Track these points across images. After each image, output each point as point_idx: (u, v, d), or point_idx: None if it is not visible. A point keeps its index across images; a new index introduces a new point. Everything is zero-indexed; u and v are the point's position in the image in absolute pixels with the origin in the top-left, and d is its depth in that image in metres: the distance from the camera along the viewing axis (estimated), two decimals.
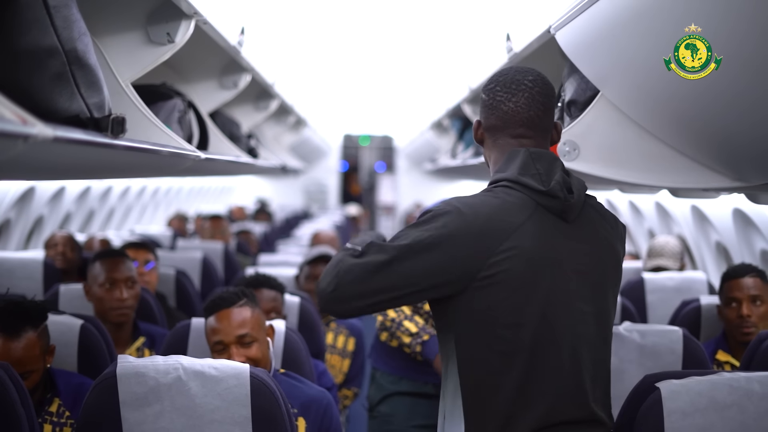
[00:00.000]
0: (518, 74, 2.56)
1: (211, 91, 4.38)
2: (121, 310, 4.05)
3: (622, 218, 7.29)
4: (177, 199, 11.20)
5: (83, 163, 2.19)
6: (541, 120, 2.55)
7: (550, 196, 2.44)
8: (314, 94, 10.70)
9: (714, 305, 4.29)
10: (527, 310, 2.39)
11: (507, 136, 2.55)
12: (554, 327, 2.41)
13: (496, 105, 2.54)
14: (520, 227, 2.40)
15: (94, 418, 2.56)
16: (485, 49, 4.56)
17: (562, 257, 2.44)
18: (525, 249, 2.38)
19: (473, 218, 2.38)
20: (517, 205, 2.43)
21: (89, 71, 2.09)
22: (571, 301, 2.44)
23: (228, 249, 6.83)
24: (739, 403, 2.56)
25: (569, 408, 2.42)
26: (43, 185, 6.16)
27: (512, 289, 2.38)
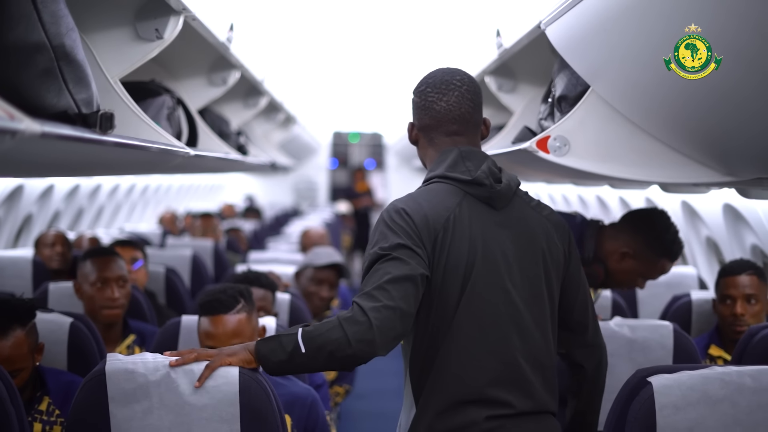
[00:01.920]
0: (447, 75, 2.72)
1: (200, 88, 4.36)
2: (112, 310, 4.03)
3: (612, 214, 7.30)
4: (166, 197, 11.17)
5: (72, 160, 2.18)
6: (472, 116, 2.72)
7: (476, 184, 2.61)
8: (304, 91, 10.68)
9: (705, 300, 4.30)
10: (458, 289, 2.55)
11: (441, 134, 2.71)
12: (481, 307, 2.56)
13: (428, 105, 2.70)
14: (453, 211, 2.58)
15: (83, 415, 2.55)
16: (475, 46, 4.54)
17: (490, 241, 2.60)
18: (458, 232, 2.56)
19: (417, 211, 2.56)
20: (448, 194, 2.61)
21: (77, 67, 2.08)
22: (498, 283, 2.59)
23: (218, 247, 6.82)
24: (730, 398, 2.55)
25: (501, 391, 2.55)
26: (32, 183, 6.13)
27: (447, 268, 2.55)
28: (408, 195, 2.64)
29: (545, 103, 3.39)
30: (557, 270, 2.70)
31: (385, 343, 2.43)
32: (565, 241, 2.74)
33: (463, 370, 2.54)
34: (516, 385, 2.57)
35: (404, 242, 2.50)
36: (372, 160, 17.89)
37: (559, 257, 2.70)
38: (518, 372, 2.57)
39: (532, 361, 2.59)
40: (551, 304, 2.67)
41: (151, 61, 4.06)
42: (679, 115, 2.72)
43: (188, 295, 5.36)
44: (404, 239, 2.51)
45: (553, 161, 3.01)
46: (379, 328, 2.40)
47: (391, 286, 2.45)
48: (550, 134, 3.02)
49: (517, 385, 2.57)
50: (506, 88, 4.39)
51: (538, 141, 3.03)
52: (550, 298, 2.67)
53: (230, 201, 14.05)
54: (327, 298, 4.99)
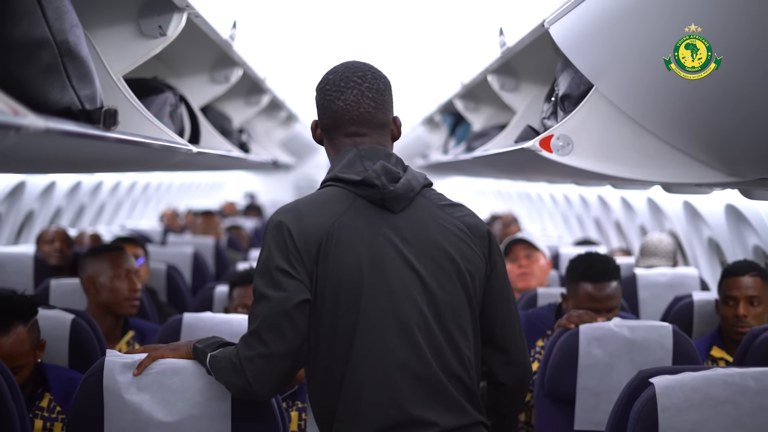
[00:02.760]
0: (347, 71, 2.55)
1: (202, 86, 4.35)
2: (132, 301, 4.03)
3: (613, 214, 7.30)
4: (168, 194, 11.17)
5: (75, 156, 2.17)
6: (373, 116, 2.52)
7: (365, 185, 2.42)
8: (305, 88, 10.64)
9: (707, 301, 4.29)
10: (350, 304, 2.37)
11: (341, 135, 2.53)
12: (382, 322, 2.38)
13: (326, 104, 2.54)
14: (339, 218, 2.40)
15: (83, 411, 2.55)
16: (478, 44, 4.54)
17: (384, 248, 2.41)
18: (344, 241, 2.39)
19: (296, 223, 2.40)
20: (336, 198, 2.43)
21: (81, 63, 2.07)
22: (399, 294, 2.40)
23: (219, 244, 6.82)
24: (733, 399, 2.55)
25: (422, 410, 2.37)
26: (34, 180, 6.13)
27: (335, 282, 2.37)
28: (293, 202, 2.49)
29: (548, 102, 3.38)
30: (474, 277, 2.48)
31: (266, 392, 2.40)
32: (485, 246, 2.53)
33: (376, 394, 2.37)
34: (437, 401, 2.39)
35: (281, 265, 2.36)
36: None
37: (478, 263, 2.49)
38: (436, 387, 2.39)
39: (449, 374, 2.41)
40: (469, 314, 2.47)
41: (154, 58, 4.05)
42: (682, 115, 2.72)
43: (189, 292, 5.36)
44: (281, 261, 2.37)
45: (556, 161, 3.00)
46: (255, 381, 2.35)
47: (265, 329, 2.34)
48: (553, 133, 3.01)
49: (438, 401, 2.39)
50: (509, 86, 4.39)
51: (541, 140, 3.02)
52: (466, 306, 2.47)
53: (231, 199, 14.04)
54: None
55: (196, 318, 3.52)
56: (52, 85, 2.00)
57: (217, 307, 4.39)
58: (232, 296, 4.13)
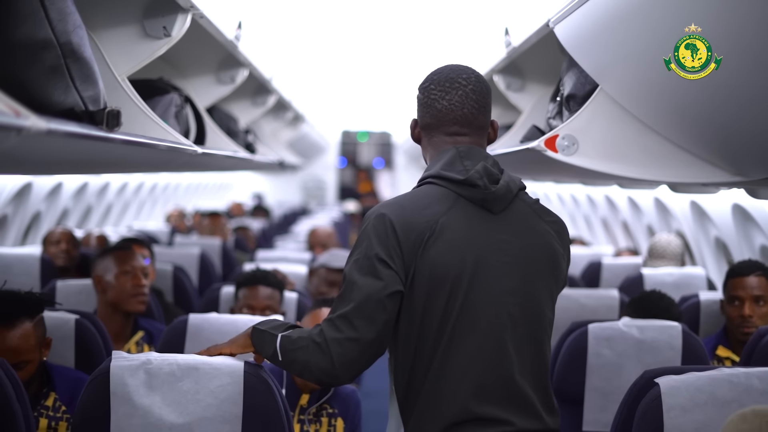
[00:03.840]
0: (452, 72, 2.57)
1: (208, 86, 4.36)
2: (139, 297, 4.05)
3: (621, 214, 7.28)
4: (175, 195, 11.18)
5: (78, 157, 2.17)
6: (476, 118, 2.55)
7: (468, 185, 2.45)
8: (313, 90, 10.67)
9: (713, 301, 4.28)
10: (445, 301, 2.41)
11: (442, 133, 2.56)
12: (475, 320, 2.42)
13: (430, 103, 2.56)
14: (441, 216, 2.43)
15: (89, 413, 2.54)
16: (483, 44, 4.54)
17: (484, 249, 2.45)
18: (445, 239, 2.42)
19: (400, 217, 2.42)
20: (437, 197, 2.46)
21: (84, 64, 2.07)
22: (493, 294, 2.44)
23: (226, 245, 6.82)
24: (738, 399, 2.53)
25: (499, 410, 2.41)
26: (40, 181, 6.14)
27: (433, 279, 2.41)
28: (395, 198, 2.52)
29: (554, 102, 3.38)
30: (558, 284, 2.56)
31: (349, 376, 2.40)
32: (567, 255, 2.60)
33: (457, 389, 2.41)
34: (514, 403, 2.43)
35: (380, 254, 2.39)
36: (381, 159, 17.89)
37: (563, 271, 2.56)
38: (516, 389, 2.43)
39: (530, 378, 2.45)
40: (550, 317, 2.53)
41: (160, 58, 4.05)
42: (687, 115, 2.72)
43: (196, 293, 5.36)
44: (380, 250, 2.39)
45: (562, 160, 3.00)
46: (340, 363, 2.36)
47: (356, 315, 2.37)
48: (558, 133, 3.01)
49: (515, 403, 2.43)
50: (515, 86, 4.38)
51: (547, 140, 3.02)
52: (550, 310, 2.52)
53: (239, 200, 14.05)
54: None
55: (201, 319, 3.52)
56: (55, 87, 2.01)
57: (223, 307, 4.39)
58: (238, 297, 4.13)
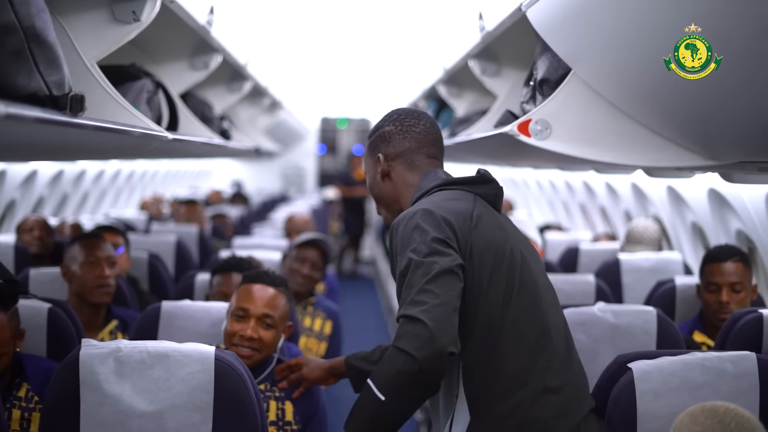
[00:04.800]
0: (412, 109, 2.80)
1: (181, 72, 4.31)
2: (103, 288, 3.99)
3: (598, 200, 7.29)
4: (153, 183, 11.12)
5: (41, 142, 2.14)
6: (441, 145, 2.77)
7: (484, 182, 2.62)
8: (290, 76, 10.61)
9: (689, 285, 4.28)
10: (503, 282, 2.49)
11: (422, 155, 2.73)
12: (529, 302, 2.51)
13: (407, 129, 2.73)
14: (474, 208, 2.55)
15: (59, 402, 2.52)
16: (459, 29, 4.51)
17: (511, 238, 2.57)
18: (486, 226, 2.52)
19: (444, 209, 2.50)
20: (459, 197, 2.58)
21: (48, 48, 2.04)
22: (534, 276, 2.56)
23: (203, 233, 6.78)
24: (711, 383, 2.54)
25: (559, 368, 2.51)
26: (15, 169, 6.08)
27: (488, 262, 2.48)
28: (419, 204, 2.55)
29: (527, 87, 3.36)
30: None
31: (449, 341, 2.30)
32: None
33: (523, 368, 2.46)
34: (573, 370, 2.55)
35: (438, 236, 2.42)
36: (360, 146, 17.83)
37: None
38: (567, 365, 2.53)
39: (570, 356, 2.57)
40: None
41: (132, 44, 4.03)
42: (660, 100, 2.70)
43: (171, 281, 5.32)
44: (438, 233, 2.42)
45: (535, 145, 2.99)
46: (437, 328, 2.29)
47: (434, 285, 2.35)
48: (531, 118, 2.99)
49: (574, 371, 2.55)
50: (490, 71, 4.37)
51: (519, 124, 3.00)
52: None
53: (217, 187, 13.99)
54: (308, 277, 4.96)
55: (174, 306, 3.50)
56: (18, 71, 1.97)
57: (198, 294, 4.36)
58: (212, 284, 4.11)
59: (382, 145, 2.73)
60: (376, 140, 2.75)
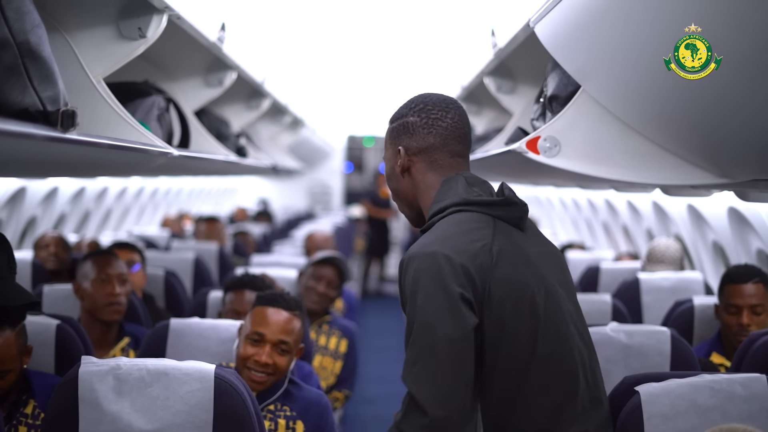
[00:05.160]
0: (443, 96, 2.55)
1: (195, 89, 4.32)
2: (113, 306, 3.99)
3: (621, 218, 7.23)
4: (177, 200, 11.15)
5: (31, 158, 2.13)
6: (470, 139, 2.55)
7: (506, 205, 2.40)
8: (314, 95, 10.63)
9: (707, 306, 4.21)
10: (528, 325, 2.32)
11: (446, 154, 2.50)
12: (556, 342, 2.35)
13: (432, 123, 2.49)
14: (494, 242, 2.34)
15: (57, 419, 2.51)
16: (473, 46, 4.49)
17: (538, 264, 2.39)
18: (508, 262, 2.33)
19: (453, 249, 2.30)
20: (476, 224, 2.37)
21: (43, 64, 2.03)
22: (563, 312, 2.39)
23: (223, 250, 6.78)
24: (720, 406, 2.49)
25: (581, 411, 2.38)
26: (35, 185, 6.11)
27: (510, 305, 2.31)
28: (434, 235, 2.36)
29: (537, 103, 3.33)
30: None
31: (460, 424, 2.21)
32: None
33: (548, 420, 2.32)
34: (596, 411, 2.41)
35: (455, 290, 2.25)
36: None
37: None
38: (595, 408, 2.40)
39: (592, 397, 2.42)
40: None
41: (147, 61, 4.05)
42: (671, 116, 2.66)
43: (188, 298, 5.32)
44: (454, 285, 2.25)
45: (543, 162, 2.95)
46: (445, 418, 2.19)
47: (444, 359, 2.22)
48: (540, 134, 2.96)
49: (597, 412, 2.41)
50: (505, 89, 4.34)
51: (528, 142, 2.97)
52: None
53: (243, 205, 14.02)
54: (324, 295, 4.94)
55: (183, 324, 3.48)
56: (12, 87, 1.97)
57: (211, 312, 4.35)
58: (225, 301, 4.10)
59: (404, 137, 2.51)
60: (399, 129, 2.52)
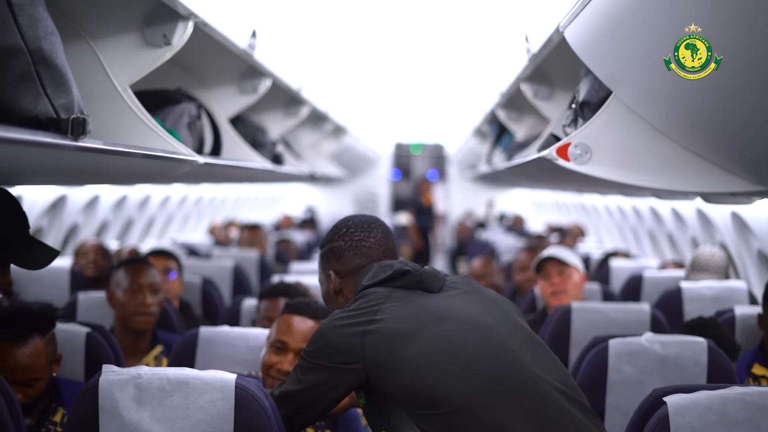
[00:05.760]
0: (363, 217, 2.75)
1: (229, 97, 4.30)
2: (144, 316, 4.00)
3: (666, 226, 7.11)
4: (222, 208, 11.20)
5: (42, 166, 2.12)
6: (395, 253, 2.72)
7: (401, 274, 2.56)
8: (359, 102, 10.63)
9: (750, 315, 4.11)
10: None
11: None
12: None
13: (356, 245, 2.68)
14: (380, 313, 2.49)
15: (78, 429, 2.49)
16: (508, 52, 4.44)
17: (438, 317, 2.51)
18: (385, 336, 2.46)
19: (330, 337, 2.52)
20: (372, 298, 2.52)
21: (56, 71, 2.01)
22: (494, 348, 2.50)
23: (264, 258, 6.78)
24: (752, 420, 2.42)
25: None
26: (75, 194, 6.15)
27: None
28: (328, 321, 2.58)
29: (570, 110, 3.27)
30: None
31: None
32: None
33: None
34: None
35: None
36: (435, 171, 17.80)
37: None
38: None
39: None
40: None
41: (181, 69, 4.05)
42: (700, 121, 2.60)
43: (224, 306, 5.32)
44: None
45: (574, 169, 2.89)
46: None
47: None
48: (570, 141, 2.90)
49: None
50: (542, 95, 4.28)
51: (558, 148, 2.91)
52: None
53: (289, 212, 14.06)
54: None
55: (212, 332, 3.48)
56: (24, 94, 1.95)
57: (245, 320, 4.34)
58: (260, 309, 4.08)
59: (333, 262, 2.71)
60: (328, 254, 2.73)
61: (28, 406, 3.12)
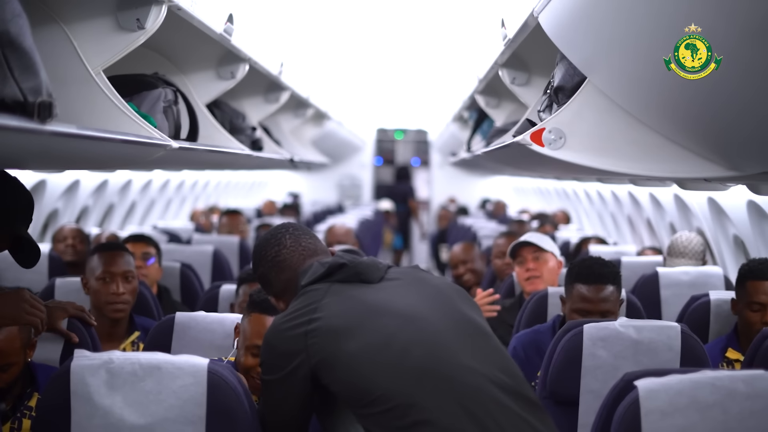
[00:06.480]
0: (269, 232, 2.76)
1: (208, 82, 4.28)
2: (116, 305, 3.98)
3: (645, 212, 7.14)
4: (204, 194, 11.16)
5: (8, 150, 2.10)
6: (317, 245, 2.72)
7: (336, 269, 2.56)
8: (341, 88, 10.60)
9: (724, 300, 4.13)
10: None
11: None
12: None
13: (275, 263, 2.69)
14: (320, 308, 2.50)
15: (49, 413, 2.49)
16: (486, 37, 4.44)
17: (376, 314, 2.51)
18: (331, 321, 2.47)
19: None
20: (310, 297, 2.53)
21: (23, 54, 1.99)
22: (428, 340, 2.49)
23: (244, 243, 6.76)
24: (721, 403, 2.43)
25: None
26: (55, 179, 6.11)
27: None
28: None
29: (545, 95, 3.28)
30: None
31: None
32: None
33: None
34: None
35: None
36: (417, 158, 17.79)
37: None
38: None
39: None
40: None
41: (158, 54, 4.03)
42: (678, 108, 2.60)
43: (203, 291, 5.31)
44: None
45: (548, 155, 2.90)
46: None
47: None
48: (544, 126, 2.90)
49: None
50: (519, 81, 4.28)
51: (533, 134, 2.91)
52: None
53: (273, 198, 14.02)
54: None
55: (188, 317, 3.46)
56: None
57: (222, 305, 4.33)
58: (239, 294, 4.07)
59: (267, 288, 2.75)
60: (262, 284, 2.77)
61: (3, 391, 3.11)
